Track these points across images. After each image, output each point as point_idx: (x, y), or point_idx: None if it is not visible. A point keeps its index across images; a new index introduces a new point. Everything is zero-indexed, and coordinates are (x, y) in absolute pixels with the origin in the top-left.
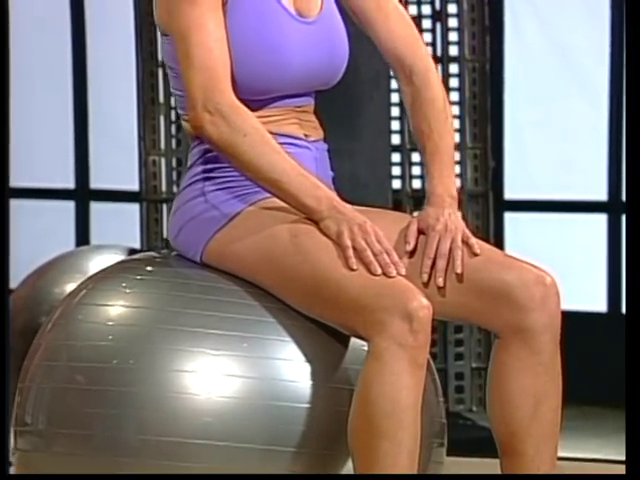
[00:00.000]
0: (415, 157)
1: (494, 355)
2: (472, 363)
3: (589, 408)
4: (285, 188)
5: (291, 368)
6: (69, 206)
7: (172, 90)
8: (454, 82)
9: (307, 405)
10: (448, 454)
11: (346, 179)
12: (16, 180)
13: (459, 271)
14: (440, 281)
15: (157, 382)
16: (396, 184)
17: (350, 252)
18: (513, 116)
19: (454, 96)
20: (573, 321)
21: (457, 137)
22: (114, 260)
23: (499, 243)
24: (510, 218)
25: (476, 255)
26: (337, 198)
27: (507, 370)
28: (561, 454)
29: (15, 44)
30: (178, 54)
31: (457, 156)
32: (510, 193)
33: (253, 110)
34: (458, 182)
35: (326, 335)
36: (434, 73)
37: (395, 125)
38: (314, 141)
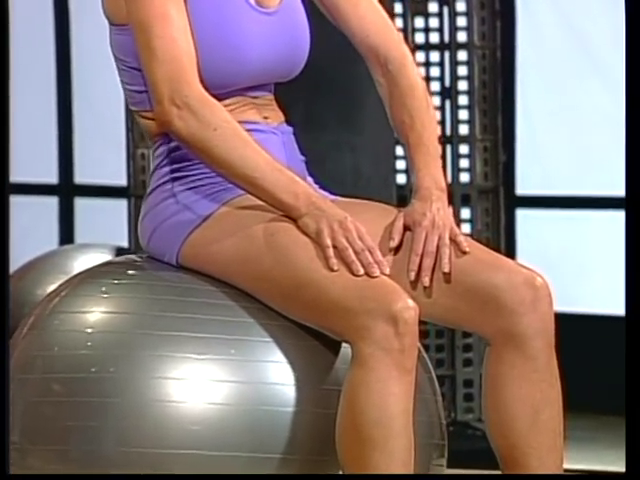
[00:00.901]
0: None
1: (486, 364)
2: (482, 369)
3: (608, 418)
4: (260, 184)
5: (279, 370)
6: (52, 202)
7: (123, 85)
8: (462, 70)
9: (297, 409)
10: (457, 466)
11: (348, 174)
12: None
13: (446, 270)
14: (426, 280)
15: (139, 390)
16: (401, 179)
17: (330, 251)
18: (526, 106)
19: (462, 85)
20: (591, 325)
21: (466, 128)
22: (100, 260)
23: (510, 242)
24: (522, 215)
25: (464, 253)
26: (315, 193)
27: (501, 379)
28: (581, 466)
29: None
30: (139, 46)
31: (466, 149)
32: (522, 188)
33: None
34: (467, 176)
35: (313, 334)
36: (411, 60)
37: None
38: (277, 125)
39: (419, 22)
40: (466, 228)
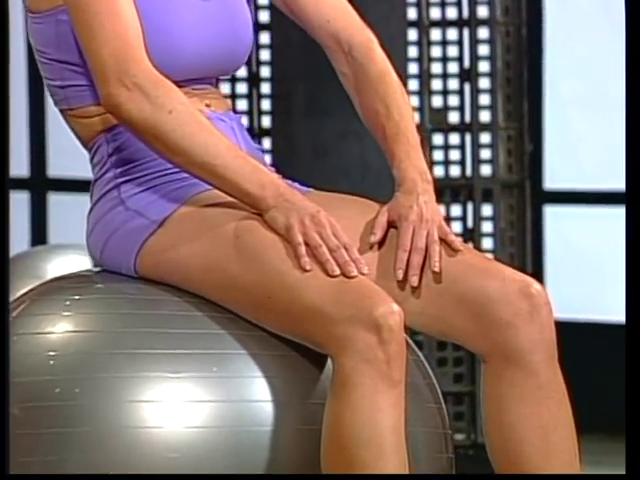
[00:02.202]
0: (437, 139)
1: (483, 383)
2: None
3: None
4: (221, 173)
5: (261, 386)
6: (22, 197)
7: (45, 81)
8: (484, 49)
9: (283, 427)
10: None
11: (355, 166)
12: None
13: (437, 269)
14: (415, 280)
15: (109, 417)
16: None
17: (302, 249)
18: (555, 90)
19: (484, 66)
20: (623, 334)
21: (488, 115)
22: (77, 262)
23: (537, 243)
24: (551, 212)
25: (457, 251)
26: (284, 184)
27: (502, 400)
28: None
29: None
30: (77, 26)
31: (487, 138)
32: (551, 182)
33: None
34: (489, 169)
35: (293, 345)
36: (377, 44)
37: (413, 101)
38: (222, 113)
39: None
40: (488, 226)
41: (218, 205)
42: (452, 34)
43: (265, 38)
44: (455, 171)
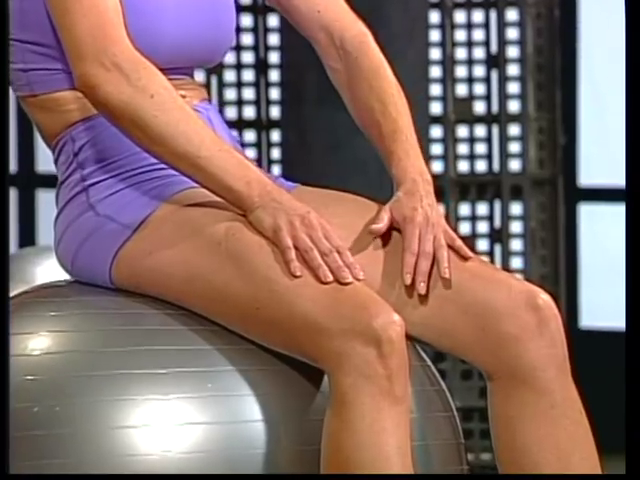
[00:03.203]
0: (462, 131)
1: (492, 404)
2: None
3: None
4: (204, 166)
5: (255, 404)
6: (10, 195)
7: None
8: (512, 33)
9: (280, 447)
10: None
11: (371, 161)
12: None
13: (447, 275)
14: (422, 287)
15: (92, 446)
16: (437, 167)
17: (291, 253)
18: (590, 77)
19: (512, 52)
20: None
21: (517, 105)
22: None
23: (571, 244)
24: (586, 211)
25: (466, 259)
26: (270, 181)
27: (514, 422)
28: None
29: None
30: (51, 2)
31: (517, 130)
32: (586, 178)
33: None
34: (518, 164)
35: (287, 358)
36: (371, 39)
37: (435, 90)
38: (198, 103)
39: None
40: (517, 226)
41: (198, 206)
42: (478, 16)
43: (274, 21)
44: (481, 166)
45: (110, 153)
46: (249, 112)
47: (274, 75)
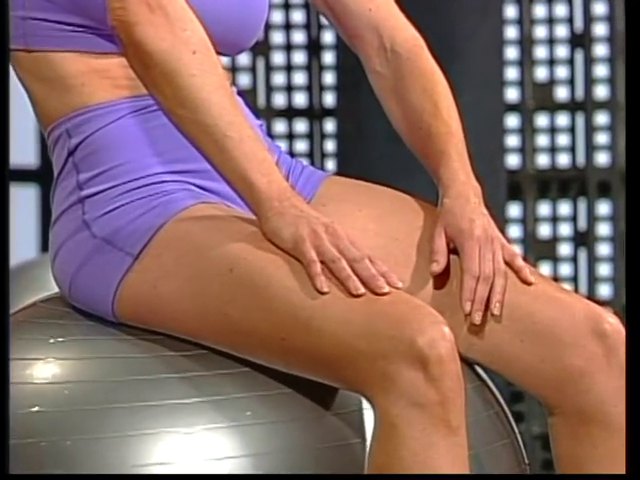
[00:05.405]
0: (541, 120)
1: (556, 440)
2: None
3: None
4: (229, 148)
5: (286, 433)
6: (29, 193)
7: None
8: (599, 8)
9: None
10: None
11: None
12: None
13: (497, 312)
14: (478, 317)
15: None
16: (513, 160)
17: (317, 267)
18: None
19: (600, 29)
20: None
21: (605, 90)
22: None
23: None
24: None
25: (528, 284)
26: (290, 188)
27: (583, 464)
28: None
29: None
30: None
31: (605, 119)
32: None
33: None
34: (606, 157)
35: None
36: (424, 44)
37: (512, 73)
38: None
39: None
40: (604, 228)
41: (203, 226)
42: None
43: None
44: (564, 160)
45: (110, 156)
46: (300, 99)
47: (328, 57)
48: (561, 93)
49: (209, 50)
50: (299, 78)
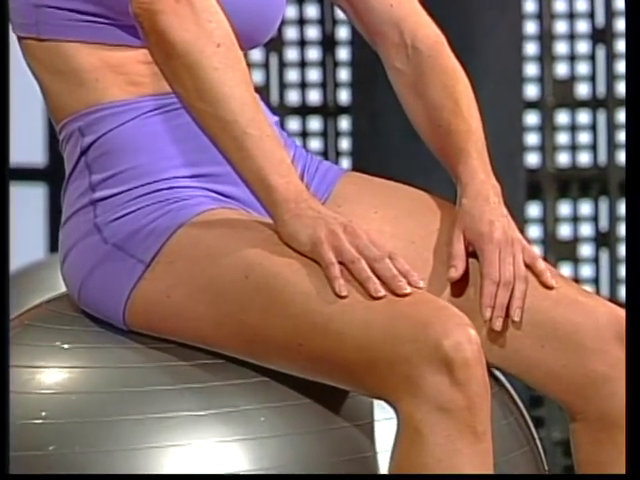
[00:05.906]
0: (561, 118)
1: (578, 446)
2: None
3: None
4: (248, 146)
5: (299, 445)
6: (37, 192)
7: None
8: (621, 2)
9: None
10: None
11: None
12: None
13: (517, 318)
14: (498, 325)
15: None
16: (532, 159)
17: (336, 270)
18: None
19: (622, 24)
20: None
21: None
22: None
23: None
24: None
25: (550, 288)
26: (306, 190)
27: (606, 470)
28: None
29: None
30: None
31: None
32: None
33: None
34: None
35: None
36: (445, 42)
37: (531, 69)
38: None
39: None
40: (620, 232)
41: (216, 232)
42: None
43: None
44: (584, 158)
45: (123, 158)
46: (314, 96)
47: (343, 53)
48: (582, 90)
49: (233, 44)
50: (313, 75)
